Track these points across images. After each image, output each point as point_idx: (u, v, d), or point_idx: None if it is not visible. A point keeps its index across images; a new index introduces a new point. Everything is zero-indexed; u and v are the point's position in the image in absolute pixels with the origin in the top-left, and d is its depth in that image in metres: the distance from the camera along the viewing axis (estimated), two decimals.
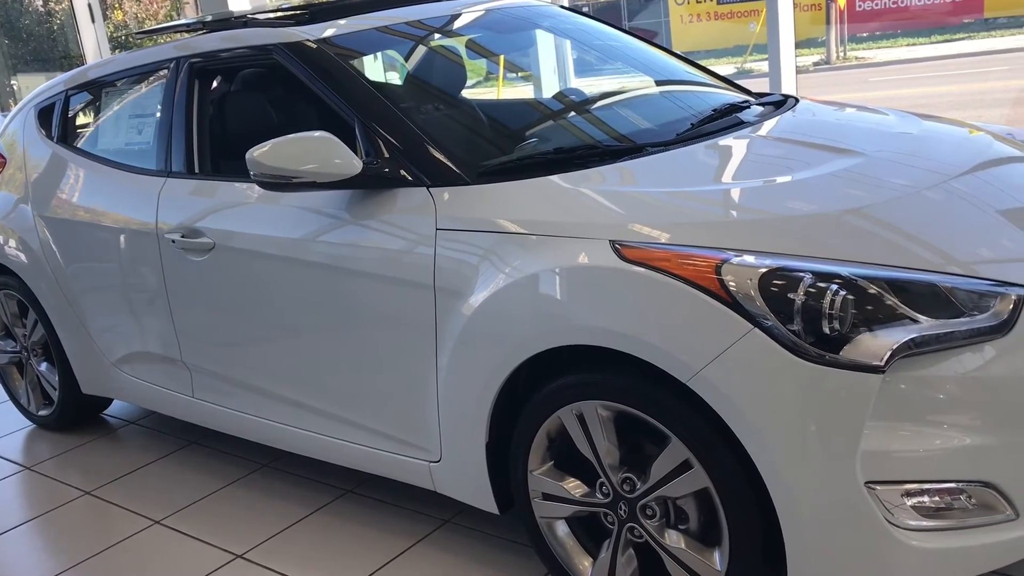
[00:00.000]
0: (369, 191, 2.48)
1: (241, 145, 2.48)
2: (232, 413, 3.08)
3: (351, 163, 2.37)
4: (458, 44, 3.27)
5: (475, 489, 2.40)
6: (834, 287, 1.81)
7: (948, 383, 1.83)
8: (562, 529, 2.28)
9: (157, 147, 3.20)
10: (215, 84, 3.30)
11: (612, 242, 2.04)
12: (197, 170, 3.06)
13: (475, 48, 3.34)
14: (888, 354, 1.76)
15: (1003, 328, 1.85)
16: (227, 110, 3.18)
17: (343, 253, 2.50)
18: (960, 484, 1.84)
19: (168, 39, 3.54)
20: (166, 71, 3.22)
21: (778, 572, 1.93)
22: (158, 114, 3.24)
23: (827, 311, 1.79)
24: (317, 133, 2.40)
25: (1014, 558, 1.91)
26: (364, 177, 2.40)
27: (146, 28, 4.73)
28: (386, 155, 2.44)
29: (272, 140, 2.40)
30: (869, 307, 1.82)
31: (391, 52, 3.60)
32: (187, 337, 3.12)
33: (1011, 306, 1.86)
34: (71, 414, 3.88)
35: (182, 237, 2.96)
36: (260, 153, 2.40)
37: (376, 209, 2.45)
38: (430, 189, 2.37)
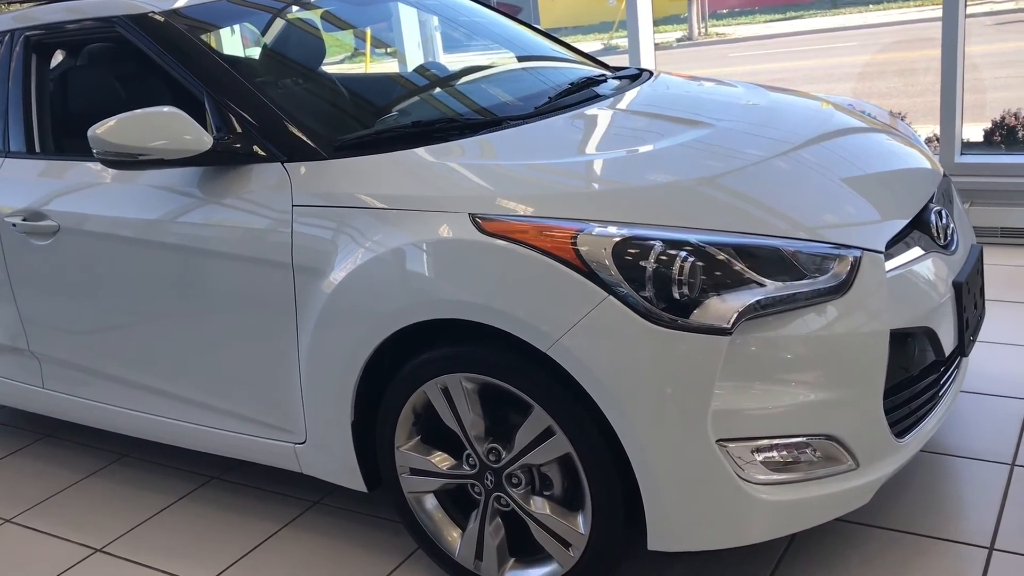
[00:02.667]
0: (224, 168, 2.40)
1: (85, 123, 2.36)
2: (87, 403, 2.95)
3: (201, 139, 2.30)
4: (314, 16, 3.20)
5: (342, 469, 2.38)
6: (683, 254, 1.87)
7: (794, 343, 1.91)
8: (431, 503, 2.29)
9: None
10: (56, 58, 3.13)
11: (472, 215, 2.04)
12: (38, 149, 2.91)
13: (332, 20, 3.27)
14: (735, 316, 1.83)
15: (842, 288, 1.94)
16: (70, 86, 3.02)
17: (198, 233, 2.42)
18: (805, 438, 1.94)
19: (4, 9, 3.33)
20: (0, 44, 3.04)
21: (639, 532, 1.99)
22: None
23: (677, 277, 1.85)
24: (165, 108, 2.31)
25: (856, 505, 2.02)
26: (215, 153, 2.33)
27: None
28: (238, 130, 2.37)
29: (117, 116, 2.30)
30: (717, 272, 1.88)
31: (247, 25, 3.49)
32: (34, 325, 2.97)
33: (849, 267, 1.96)
34: None
35: (24, 220, 2.80)
36: (104, 130, 2.29)
37: (231, 186, 2.38)
38: (285, 165, 2.32)
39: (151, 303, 2.61)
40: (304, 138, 2.34)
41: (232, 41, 3.82)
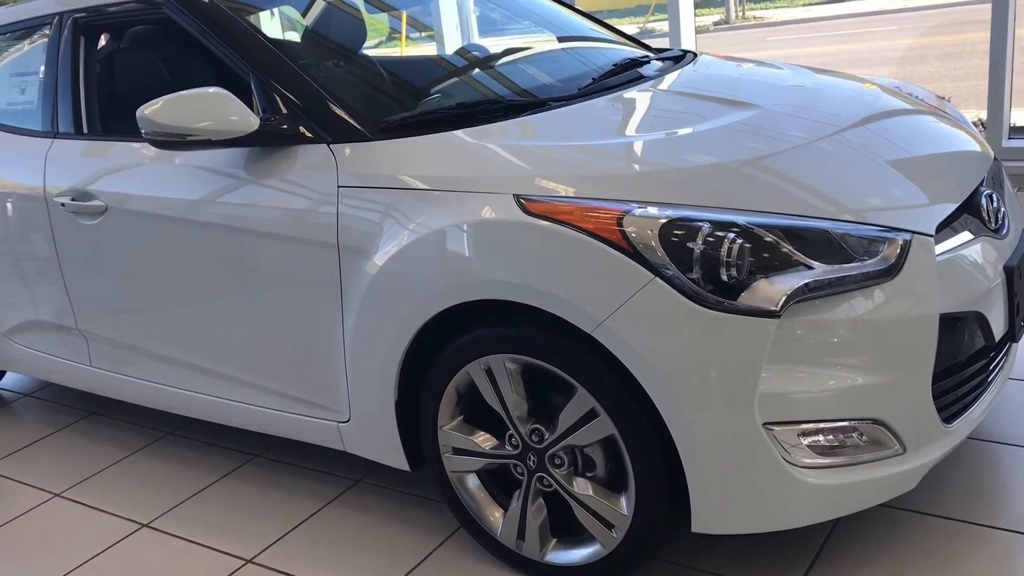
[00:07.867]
0: (268, 149, 2.42)
1: (132, 103, 2.39)
2: (132, 381, 3.00)
3: (248, 120, 2.31)
4: None
5: (385, 447, 2.40)
6: (731, 235, 1.85)
7: (841, 326, 1.89)
8: (473, 482, 2.30)
9: (42, 107, 3.06)
10: (103, 40, 3.17)
11: (516, 196, 2.04)
12: (86, 130, 2.95)
13: (373, 2, 3.27)
14: (783, 299, 1.82)
15: (891, 272, 1.92)
16: (116, 67, 3.05)
17: (243, 213, 2.45)
18: (852, 422, 1.92)
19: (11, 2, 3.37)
20: (48, 27, 3.08)
21: (683, 514, 1.99)
22: (42, 73, 3.10)
23: (724, 259, 1.84)
24: (211, 89, 2.33)
25: (902, 490, 2.01)
26: (262, 134, 2.34)
27: None
28: (284, 111, 2.39)
29: (164, 97, 2.32)
30: (765, 255, 1.86)
31: (287, 9, 3.50)
32: (82, 304, 3.01)
33: (898, 250, 1.94)
34: None
35: (72, 200, 2.85)
36: (152, 110, 2.32)
37: (276, 167, 2.40)
38: (331, 146, 2.33)
39: (196, 282, 2.64)
40: (349, 119, 2.35)
41: (272, 24, 3.84)
